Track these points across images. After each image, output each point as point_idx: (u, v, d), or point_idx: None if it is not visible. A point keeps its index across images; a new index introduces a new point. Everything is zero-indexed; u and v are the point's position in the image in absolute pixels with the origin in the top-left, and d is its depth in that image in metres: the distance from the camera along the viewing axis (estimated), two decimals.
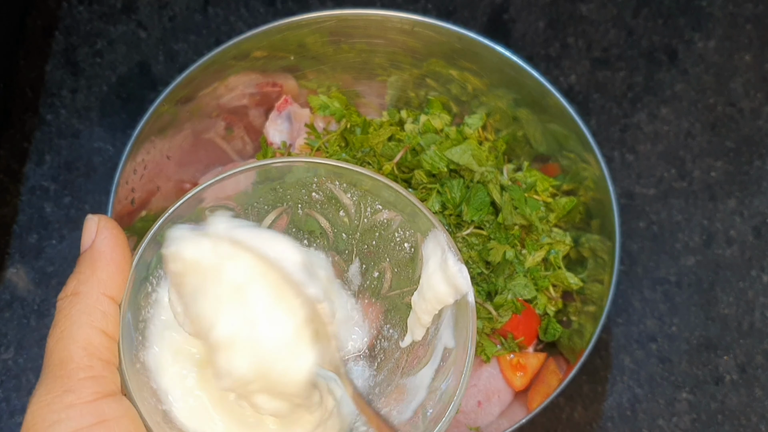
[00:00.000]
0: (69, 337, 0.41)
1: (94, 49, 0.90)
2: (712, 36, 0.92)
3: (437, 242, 0.47)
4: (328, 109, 0.80)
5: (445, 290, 0.46)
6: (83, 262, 0.43)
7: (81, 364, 0.40)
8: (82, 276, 0.42)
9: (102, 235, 0.43)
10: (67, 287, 0.43)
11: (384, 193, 0.48)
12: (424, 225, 0.47)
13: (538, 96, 0.73)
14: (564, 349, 0.73)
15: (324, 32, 0.75)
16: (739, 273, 0.84)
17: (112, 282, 0.43)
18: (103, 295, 0.42)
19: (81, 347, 0.40)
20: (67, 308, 0.42)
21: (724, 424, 0.79)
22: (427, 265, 0.48)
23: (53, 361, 0.40)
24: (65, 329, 0.41)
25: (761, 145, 0.88)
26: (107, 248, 0.43)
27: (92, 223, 0.44)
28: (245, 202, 0.50)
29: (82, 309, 0.41)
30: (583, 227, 0.75)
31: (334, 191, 0.49)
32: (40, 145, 0.87)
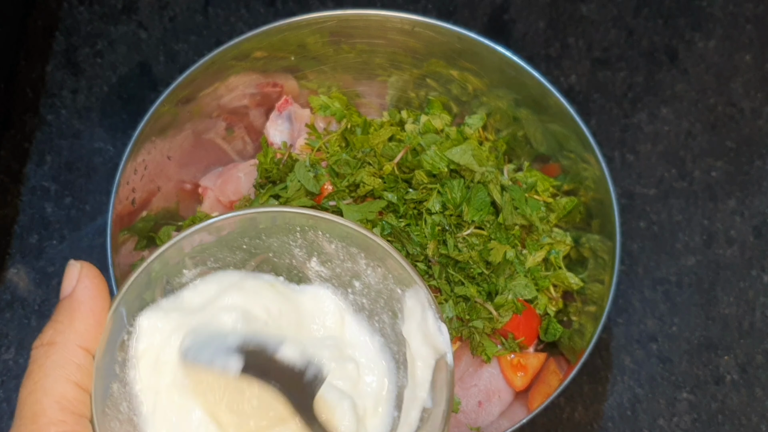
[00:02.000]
0: (42, 390, 0.40)
1: (95, 49, 0.90)
2: (713, 36, 0.92)
3: (418, 299, 0.47)
4: (329, 110, 0.80)
5: (425, 350, 0.46)
6: (61, 311, 0.42)
7: (53, 418, 0.40)
8: (59, 326, 0.42)
9: (83, 283, 0.43)
10: (44, 336, 0.42)
11: (369, 246, 0.48)
12: (406, 280, 0.47)
13: (538, 96, 0.73)
14: (564, 349, 0.74)
15: (324, 32, 0.75)
16: (740, 273, 0.84)
17: (89, 334, 0.42)
18: (78, 348, 0.41)
19: (54, 401, 0.40)
20: (41, 359, 0.41)
21: (724, 424, 0.79)
22: (408, 321, 0.48)
23: (25, 414, 0.40)
24: (38, 381, 0.40)
25: (761, 145, 0.88)
26: (87, 298, 0.42)
27: (74, 269, 0.43)
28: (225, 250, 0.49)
29: (56, 361, 0.41)
30: (584, 227, 0.75)
31: (316, 240, 0.49)
32: (40, 145, 0.87)
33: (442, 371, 0.45)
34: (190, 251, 0.47)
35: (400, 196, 0.73)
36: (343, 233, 0.48)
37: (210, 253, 0.48)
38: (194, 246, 0.47)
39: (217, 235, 0.47)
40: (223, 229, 0.47)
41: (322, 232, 0.48)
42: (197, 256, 0.48)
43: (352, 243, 0.48)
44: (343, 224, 0.47)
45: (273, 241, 0.49)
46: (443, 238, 0.71)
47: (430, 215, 0.72)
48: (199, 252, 0.48)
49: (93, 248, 0.83)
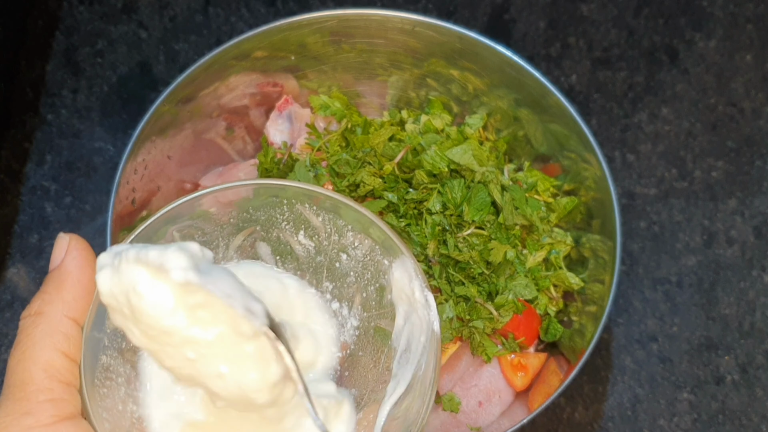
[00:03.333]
0: (30, 359, 0.40)
1: (95, 49, 0.90)
2: (713, 36, 0.92)
3: (405, 269, 0.47)
4: (329, 109, 0.80)
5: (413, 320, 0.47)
6: (50, 281, 0.43)
7: (41, 386, 0.40)
8: (46, 296, 0.42)
9: (71, 254, 0.43)
10: (31, 306, 0.42)
11: (353, 217, 0.48)
12: (393, 251, 0.48)
13: (538, 96, 0.73)
14: (565, 349, 0.74)
15: (325, 32, 0.75)
16: (740, 273, 0.84)
17: (77, 304, 0.42)
18: (66, 317, 0.42)
19: (42, 369, 0.40)
20: (29, 328, 0.41)
21: (725, 424, 0.79)
22: (395, 292, 0.48)
23: (13, 382, 0.40)
24: (26, 350, 0.41)
25: (762, 145, 0.88)
26: (75, 269, 0.43)
27: (63, 241, 0.43)
28: (214, 223, 0.49)
29: (44, 330, 0.41)
30: (584, 227, 0.75)
31: (304, 213, 0.49)
32: (40, 145, 0.87)
33: (431, 338, 0.46)
34: (179, 225, 0.47)
35: (400, 196, 0.73)
36: (329, 205, 0.48)
37: (197, 226, 0.48)
38: (182, 219, 0.47)
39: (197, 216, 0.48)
40: (210, 204, 0.48)
41: (309, 205, 0.49)
42: (185, 230, 0.48)
43: (339, 215, 0.48)
44: (328, 195, 0.48)
45: (260, 214, 0.50)
46: (443, 238, 0.71)
47: (431, 215, 0.72)
48: (188, 226, 0.48)
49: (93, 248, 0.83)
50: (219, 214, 0.49)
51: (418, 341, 0.47)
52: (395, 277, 0.48)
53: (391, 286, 0.49)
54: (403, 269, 0.47)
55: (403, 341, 0.48)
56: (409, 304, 0.48)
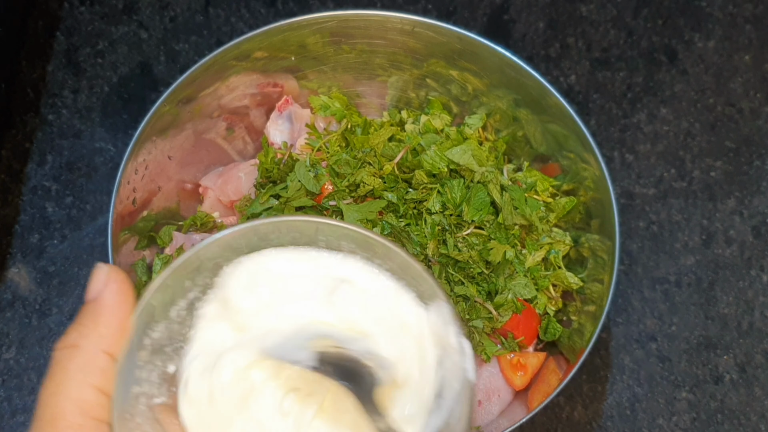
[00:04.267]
0: (63, 393, 0.40)
1: (96, 49, 0.91)
2: (712, 36, 0.92)
3: (440, 314, 0.47)
4: (329, 110, 0.80)
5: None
6: (86, 314, 0.42)
7: (72, 422, 0.39)
8: (83, 329, 0.41)
9: (110, 288, 0.42)
10: (67, 338, 0.41)
11: (394, 260, 0.48)
12: (429, 293, 0.47)
13: (538, 96, 0.74)
14: (564, 349, 0.74)
15: (325, 33, 0.75)
16: (739, 272, 0.84)
17: (113, 339, 0.42)
18: (102, 352, 0.41)
19: (74, 404, 0.40)
20: (64, 361, 0.41)
21: (723, 423, 0.79)
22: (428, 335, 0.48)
23: (44, 417, 0.40)
24: (60, 384, 0.40)
25: (761, 145, 0.88)
26: (113, 303, 0.42)
27: (102, 272, 0.43)
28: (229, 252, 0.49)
29: (79, 364, 0.41)
30: (583, 227, 0.75)
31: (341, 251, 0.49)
32: (41, 145, 0.87)
33: (464, 387, 0.45)
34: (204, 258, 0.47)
35: (400, 196, 0.73)
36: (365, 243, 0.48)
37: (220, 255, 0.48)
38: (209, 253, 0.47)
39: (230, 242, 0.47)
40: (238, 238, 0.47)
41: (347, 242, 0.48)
42: (210, 261, 0.48)
43: (375, 254, 0.48)
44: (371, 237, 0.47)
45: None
46: (443, 238, 0.72)
47: (430, 215, 0.72)
48: (211, 258, 0.48)
49: (94, 248, 0.84)
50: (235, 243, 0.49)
51: (451, 387, 0.46)
52: (431, 321, 0.48)
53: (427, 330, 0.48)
54: (438, 314, 0.47)
55: (436, 386, 0.47)
56: (443, 350, 0.47)
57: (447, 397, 0.46)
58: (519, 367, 0.73)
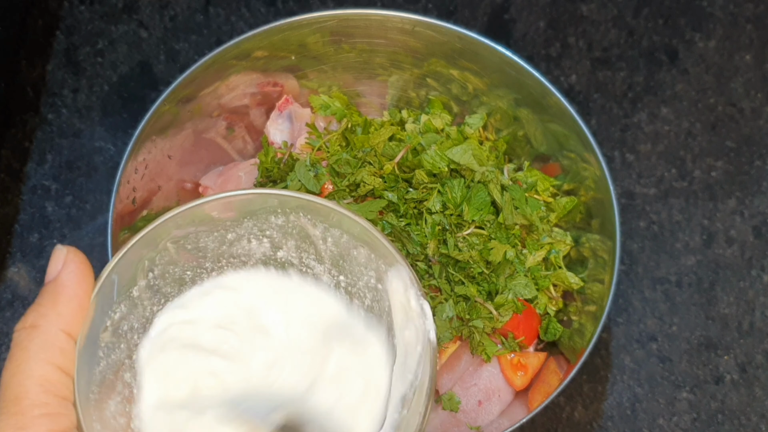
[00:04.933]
0: (25, 372, 0.40)
1: (96, 48, 0.90)
2: (713, 36, 0.92)
3: (400, 277, 0.47)
4: (329, 109, 0.80)
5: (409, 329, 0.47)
6: (45, 294, 0.42)
7: (36, 401, 0.40)
8: (42, 309, 0.42)
9: (68, 268, 0.42)
10: (26, 319, 0.42)
11: (350, 227, 0.48)
12: (389, 259, 0.48)
13: (538, 96, 0.74)
14: (564, 349, 0.74)
15: (325, 32, 0.75)
16: (740, 273, 0.84)
17: (72, 318, 0.42)
18: (61, 331, 0.41)
19: (37, 383, 0.40)
20: (24, 341, 0.41)
21: (724, 423, 0.79)
22: (392, 301, 0.48)
23: (8, 397, 0.40)
24: (21, 363, 0.40)
25: (761, 145, 0.88)
26: (71, 282, 0.42)
27: (60, 254, 0.43)
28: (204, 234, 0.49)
29: (39, 344, 0.41)
30: (584, 227, 0.75)
31: (300, 222, 0.49)
32: (41, 144, 0.87)
33: (426, 348, 0.46)
34: (171, 236, 0.47)
35: (400, 196, 0.73)
36: (321, 212, 0.48)
37: (191, 236, 0.48)
38: (176, 231, 0.47)
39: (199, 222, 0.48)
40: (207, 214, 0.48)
41: (303, 214, 0.49)
42: (179, 240, 0.48)
43: (334, 224, 0.48)
44: (323, 204, 0.47)
45: (258, 223, 0.49)
46: (443, 238, 0.71)
47: (431, 215, 0.72)
48: (182, 236, 0.48)
49: (93, 247, 0.84)
50: (217, 221, 0.49)
51: (415, 350, 0.47)
52: (392, 287, 0.48)
53: (388, 295, 0.49)
54: (398, 278, 0.47)
55: (400, 351, 0.48)
56: (405, 314, 0.47)
57: (410, 362, 0.47)
58: (519, 367, 0.73)
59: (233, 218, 0.49)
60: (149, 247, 0.46)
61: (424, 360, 0.45)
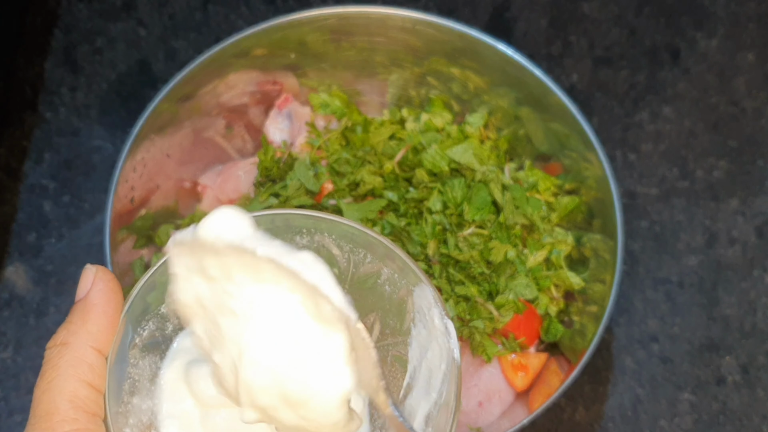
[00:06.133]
0: (55, 389, 0.41)
1: (94, 46, 0.90)
2: (715, 35, 0.91)
3: (424, 297, 0.47)
4: (329, 108, 0.79)
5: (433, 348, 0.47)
6: (75, 313, 0.43)
7: (66, 416, 0.40)
8: (72, 327, 0.43)
9: (97, 287, 0.43)
10: (57, 337, 0.43)
11: (375, 247, 0.48)
12: (412, 279, 0.48)
13: (539, 95, 0.73)
14: (565, 350, 0.73)
15: (325, 30, 0.75)
16: (742, 273, 0.83)
17: (102, 335, 0.43)
18: (91, 348, 0.42)
19: (67, 399, 0.41)
20: (54, 359, 0.42)
21: (725, 424, 0.79)
22: (415, 319, 0.48)
23: (39, 413, 0.41)
24: (52, 380, 0.41)
25: (764, 145, 0.88)
26: (101, 300, 0.43)
27: (89, 273, 0.44)
28: None
29: (69, 361, 0.42)
30: (585, 227, 0.74)
31: (324, 242, 0.49)
32: (39, 143, 0.87)
33: (451, 367, 0.45)
34: None
35: (400, 195, 0.72)
36: (345, 233, 0.48)
37: None
38: None
39: None
40: None
41: (327, 234, 0.49)
42: None
43: (357, 243, 0.48)
44: (343, 223, 0.48)
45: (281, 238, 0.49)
46: (444, 238, 0.71)
47: (431, 214, 0.72)
48: None
49: (91, 246, 0.83)
50: None
51: (439, 369, 0.47)
52: (415, 306, 0.48)
53: (412, 314, 0.48)
54: (422, 297, 0.47)
55: (424, 371, 0.48)
56: (428, 333, 0.47)
57: (434, 381, 0.47)
58: (520, 367, 0.72)
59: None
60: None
61: (449, 378, 0.46)
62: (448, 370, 0.45)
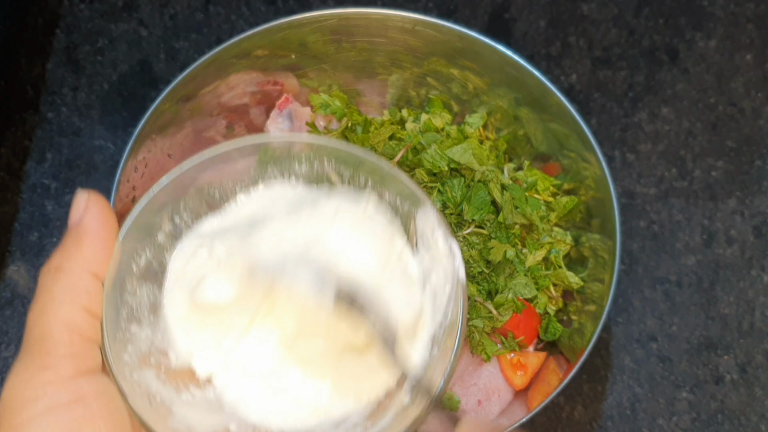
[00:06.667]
0: (50, 313, 0.40)
1: (96, 47, 0.90)
2: (714, 35, 0.92)
3: (427, 219, 0.47)
4: (329, 108, 0.80)
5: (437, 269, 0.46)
6: (69, 238, 0.42)
7: (61, 340, 0.39)
8: (66, 252, 0.41)
9: (90, 211, 0.42)
10: (51, 262, 0.41)
11: (375, 172, 0.47)
12: (414, 202, 0.47)
13: (539, 95, 0.73)
14: (564, 349, 0.73)
15: (325, 31, 0.75)
16: (740, 273, 0.84)
17: (98, 259, 0.41)
18: (87, 273, 0.41)
19: (62, 324, 0.40)
20: (49, 283, 0.40)
21: (723, 423, 0.79)
22: (418, 242, 0.48)
23: (33, 337, 0.40)
24: (46, 305, 0.40)
25: (762, 145, 0.88)
26: (95, 225, 0.42)
27: (81, 198, 0.43)
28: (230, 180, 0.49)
29: (64, 286, 0.40)
30: (584, 226, 0.74)
31: (323, 169, 0.49)
32: (41, 143, 0.87)
33: (456, 287, 0.45)
34: (196, 183, 0.47)
35: None
36: (345, 159, 0.47)
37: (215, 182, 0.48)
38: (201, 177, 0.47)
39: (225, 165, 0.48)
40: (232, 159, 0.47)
41: (327, 160, 0.48)
42: (204, 187, 0.48)
43: (357, 169, 0.48)
44: (343, 149, 0.47)
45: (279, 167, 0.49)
46: None
47: None
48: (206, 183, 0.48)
49: None
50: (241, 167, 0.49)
51: (443, 290, 0.46)
52: (418, 229, 0.47)
53: (414, 239, 0.48)
54: (425, 220, 0.47)
55: (428, 294, 0.47)
56: (431, 256, 0.47)
57: (438, 303, 0.46)
58: (519, 366, 0.73)
59: (256, 165, 0.48)
60: (174, 192, 0.46)
61: (454, 299, 0.45)
62: (453, 291, 0.45)
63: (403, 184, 0.46)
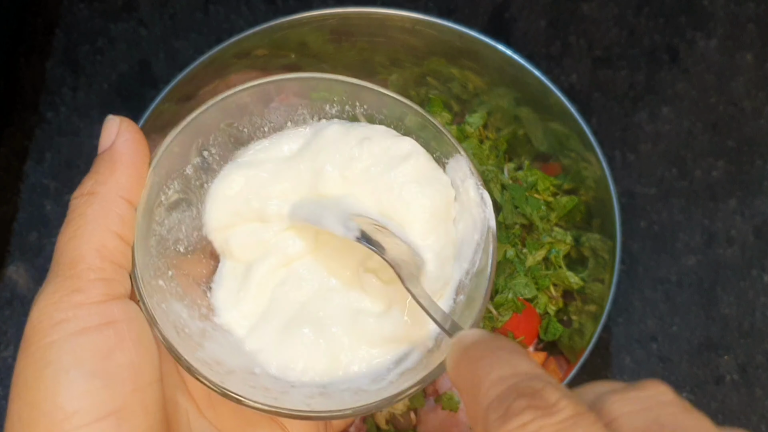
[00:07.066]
0: (82, 237, 0.39)
1: (95, 47, 0.90)
2: (714, 35, 0.92)
3: (459, 168, 0.47)
4: None
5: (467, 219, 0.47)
6: (102, 163, 0.41)
7: (92, 265, 0.39)
8: (100, 177, 0.41)
9: (123, 137, 0.42)
10: (83, 186, 0.41)
11: (410, 118, 0.47)
12: (446, 150, 0.47)
13: (539, 95, 0.73)
14: (564, 349, 0.73)
15: (325, 31, 0.75)
16: (740, 273, 0.84)
17: (131, 185, 0.41)
18: (121, 198, 0.40)
19: (94, 248, 0.39)
20: (82, 207, 0.40)
21: (724, 423, 0.79)
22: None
23: (63, 261, 0.39)
24: (78, 228, 0.39)
25: (762, 145, 0.88)
26: (128, 151, 0.41)
27: (113, 124, 0.42)
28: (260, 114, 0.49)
29: (97, 210, 0.40)
30: (584, 226, 0.74)
31: (354, 112, 0.48)
32: (40, 143, 0.87)
33: (486, 235, 0.45)
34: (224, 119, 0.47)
35: None
36: (378, 103, 0.47)
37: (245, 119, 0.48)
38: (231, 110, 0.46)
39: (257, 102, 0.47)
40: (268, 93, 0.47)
41: (359, 104, 0.48)
42: (233, 123, 0.48)
43: (388, 115, 0.47)
44: (379, 91, 0.47)
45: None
46: None
47: None
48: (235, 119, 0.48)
49: None
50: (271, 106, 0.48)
51: (471, 239, 0.46)
52: (450, 177, 0.47)
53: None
54: (456, 169, 0.47)
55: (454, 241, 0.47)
56: (460, 206, 0.47)
57: (466, 252, 0.47)
58: None
59: (288, 103, 0.48)
60: (204, 126, 0.46)
61: (482, 248, 0.45)
62: (481, 239, 0.45)
63: (437, 129, 0.46)
